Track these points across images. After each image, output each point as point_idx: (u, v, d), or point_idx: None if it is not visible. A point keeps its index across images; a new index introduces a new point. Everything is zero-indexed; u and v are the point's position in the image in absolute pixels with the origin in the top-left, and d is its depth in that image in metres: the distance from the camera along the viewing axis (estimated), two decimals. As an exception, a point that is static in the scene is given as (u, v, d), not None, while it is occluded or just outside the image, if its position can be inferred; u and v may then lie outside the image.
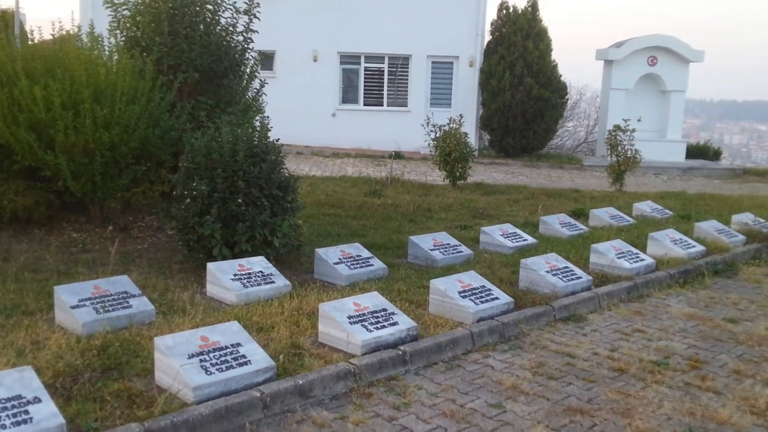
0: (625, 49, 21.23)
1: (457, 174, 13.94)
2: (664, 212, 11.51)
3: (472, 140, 17.27)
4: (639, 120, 15.81)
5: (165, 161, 8.12)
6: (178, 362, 4.22)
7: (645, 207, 11.57)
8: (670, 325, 6.22)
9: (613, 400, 4.62)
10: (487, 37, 21.32)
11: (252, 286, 6.14)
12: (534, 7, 20.72)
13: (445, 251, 7.86)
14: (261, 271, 6.38)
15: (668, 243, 8.48)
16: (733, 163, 30.34)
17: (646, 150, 15.48)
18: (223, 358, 4.39)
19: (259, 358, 4.48)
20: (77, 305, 5.26)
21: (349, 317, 5.16)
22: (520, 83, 19.86)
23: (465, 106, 20.53)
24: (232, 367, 4.34)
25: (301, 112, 20.53)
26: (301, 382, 4.38)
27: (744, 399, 4.68)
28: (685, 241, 8.72)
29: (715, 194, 14.97)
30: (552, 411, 4.43)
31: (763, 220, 10.49)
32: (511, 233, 8.82)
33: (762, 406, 4.56)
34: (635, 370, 5.13)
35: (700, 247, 8.65)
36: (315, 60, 21.27)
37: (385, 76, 21.71)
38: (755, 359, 5.45)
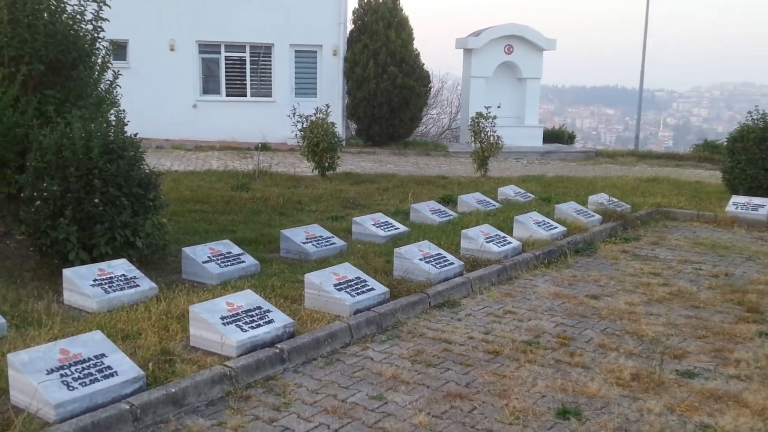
0: (482, 38, 21.89)
1: (326, 164, 13.86)
2: (527, 195, 11.96)
3: (340, 130, 17.25)
4: (499, 107, 16.40)
5: (10, 161, 7.47)
6: (36, 379, 3.89)
7: (509, 191, 11.99)
8: (538, 305, 6.45)
9: (490, 383, 4.70)
10: (350, 26, 21.34)
11: (114, 291, 5.78)
12: (395, -5, 20.92)
13: (318, 244, 7.76)
14: (124, 275, 6.02)
15: (532, 225, 8.80)
16: (586, 145, 32.23)
17: (506, 136, 16.04)
18: (86, 371, 4.09)
19: (126, 369, 4.20)
20: None
21: (222, 318, 4.96)
22: (384, 72, 20.03)
23: (331, 96, 20.47)
24: (97, 380, 4.05)
25: (159, 104, 19.73)
26: (173, 390, 4.15)
27: (610, 372, 4.90)
28: (548, 222, 9.09)
29: (572, 176, 15.77)
30: (432, 398, 4.45)
31: (616, 200, 11.14)
32: (383, 222, 8.84)
33: (627, 378, 4.80)
34: (509, 351, 5.26)
35: (561, 228, 9.04)
36: (172, 49, 20.46)
37: (248, 66, 21.24)
38: (617, 333, 5.75)
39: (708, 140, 23.91)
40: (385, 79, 20.00)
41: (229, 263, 6.78)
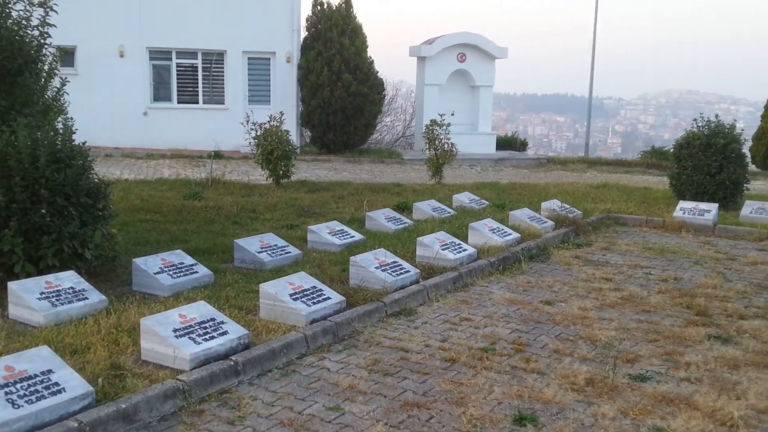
0: (436, 46, 22.04)
1: (281, 172, 13.76)
2: (481, 202, 12.05)
3: (294, 137, 17.14)
4: (453, 114, 16.53)
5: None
6: (-21, 398, 3.75)
7: (463, 198, 12.06)
8: (494, 312, 6.48)
9: (447, 391, 4.70)
10: (303, 33, 21.27)
11: (62, 304, 5.62)
12: (348, 3, 20.95)
13: (273, 253, 7.68)
14: (72, 287, 5.85)
15: (487, 232, 8.86)
16: (538, 152, 32.70)
17: (460, 143, 16.15)
18: (32, 389, 3.96)
19: (74, 385, 4.08)
20: None
21: (175, 330, 4.86)
22: (338, 79, 20.01)
23: (284, 103, 20.35)
24: (43, 397, 3.92)
25: (108, 111, 19.40)
26: (124, 405, 4.04)
27: (565, 377, 4.95)
28: (502, 229, 9.17)
29: (525, 183, 15.95)
30: (390, 408, 4.43)
31: (568, 206, 11.30)
32: (338, 230, 8.80)
33: (581, 383, 4.85)
34: (465, 359, 5.28)
35: (515, 235, 9.13)
36: (121, 56, 20.10)
37: (200, 73, 20.99)
38: (571, 338, 5.81)
39: (655, 147, 24.42)
40: (339, 87, 19.97)
41: (181, 274, 6.66)
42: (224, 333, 5.01)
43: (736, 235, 10.47)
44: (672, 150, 13.95)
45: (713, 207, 11.17)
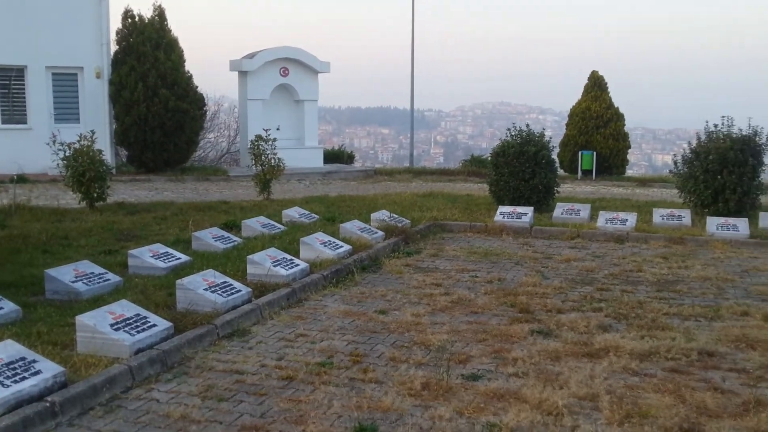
0: (257, 60, 21.79)
1: (95, 195, 12.91)
2: (311, 216, 12.00)
3: (108, 157, 16.20)
4: (278, 129, 16.38)
5: None
6: None
7: (293, 213, 11.94)
8: (329, 325, 6.44)
9: (286, 410, 4.59)
10: (114, 47, 20.19)
11: None
12: (161, 16, 20.15)
13: (90, 281, 7.15)
14: None
15: (318, 246, 8.82)
16: (365, 164, 33.23)
17: (287, 157, 16.03)
18: None
19: None
20: None
21: (-23, 375, 4.34)
22: (155, 95, 19.18)
23: (96, 121, 19.15)
24: None
25: None
26: None
27: (402, 383, 5.00)
28: (334, 242, 9.17)
29: (354, 195, 16.11)
30: (227, 435, 4.23)
31: (396, 216, 11.55)
32: (162, 253, 8.37)
33: (418, 387, 4.91)
34: (303, 375, 5.18)
35: (347, 247, 9.16)
36: None
37: (-3, 91, 19.26)
38: (406, 345, 5.89)
39: (474, 155, 25.65)
40: (156, 103, 19.14)
41: (-17, 311, 6.01)
42: (37, 372, 4.56)
43: (550, 235, 11.21)
44: (489, 158, 14.69)
45: (529, 210, 11.90)
